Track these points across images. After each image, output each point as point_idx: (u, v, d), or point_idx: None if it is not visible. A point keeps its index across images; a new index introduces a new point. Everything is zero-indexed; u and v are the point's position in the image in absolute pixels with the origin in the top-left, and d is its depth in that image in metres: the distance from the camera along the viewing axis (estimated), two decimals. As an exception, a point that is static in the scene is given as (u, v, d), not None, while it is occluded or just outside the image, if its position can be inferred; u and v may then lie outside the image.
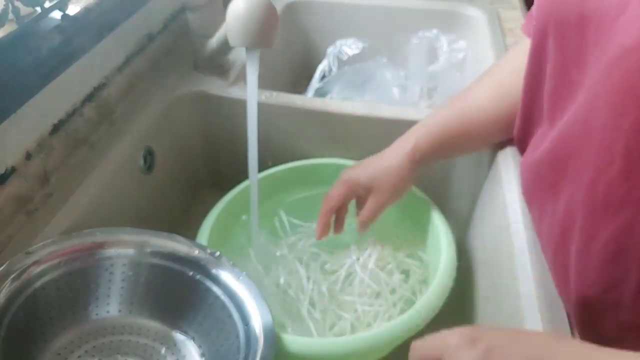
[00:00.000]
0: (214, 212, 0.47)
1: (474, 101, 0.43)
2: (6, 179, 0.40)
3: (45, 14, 0.43)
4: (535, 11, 0.35)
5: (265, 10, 0.41)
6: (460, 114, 0.43)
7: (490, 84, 0.43)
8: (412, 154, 0.42)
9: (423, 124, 0.44)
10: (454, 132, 0.42)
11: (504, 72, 0.42)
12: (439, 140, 0.42)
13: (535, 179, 0.35)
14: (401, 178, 0.42)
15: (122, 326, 0.39)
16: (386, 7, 0.74)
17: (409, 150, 0.42)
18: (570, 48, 0.31)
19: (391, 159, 0.43)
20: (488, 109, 0.42)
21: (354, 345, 0.36)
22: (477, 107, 0.42)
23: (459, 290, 0.45)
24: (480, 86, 0.43)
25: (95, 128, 0.49)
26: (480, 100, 0.42)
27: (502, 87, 0.42)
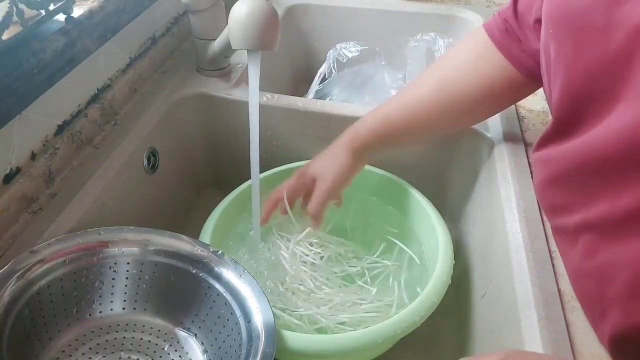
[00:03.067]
0: (216, 211, 0.48)
1: (416, 93, 0.44)
2: (11, 179, 0.40)
3: (50, 16, 0.44)
4: (547, 16, 0.33)
5: (266, 13, 0.42)
6: (401, 105, 0.44)
7: (433, 77, 0.44)
8: (352, 142, 0.45)
9: (364, 116, 0.46)
10: (394, 122, 0.44)
11: (446, 66, 0.43)
12: (379, 129, 0.44)
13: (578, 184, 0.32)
14: (342, 165, 0.44)
15: (125, 324, 0.39)
16: (385, 11, 0.75)
17: (349, 139, 0.45)
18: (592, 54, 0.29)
19: (333, 150, 0.45)
20: (430, 100, 0.43)
21: (353, 342, 0.37)
22: (418, 98, 0.43)
23: (455, 287, 0.46)
24: (423, 79, 0.44)
25: (100, 129, 0.49)
26: (422, 92, 0.43)
27: (445, 79, 0.43)
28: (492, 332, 0.40)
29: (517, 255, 0.38)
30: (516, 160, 0.46)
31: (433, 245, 0.46)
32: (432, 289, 0.40)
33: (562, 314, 0.34)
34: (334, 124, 0.54)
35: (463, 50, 0.43)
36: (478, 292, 0.46)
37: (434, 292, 0.40)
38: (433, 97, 0.43)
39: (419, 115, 0.44)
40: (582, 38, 0.30)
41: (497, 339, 0.39)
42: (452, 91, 0.42)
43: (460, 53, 0.43)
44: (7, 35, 0.39)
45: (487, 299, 0.43)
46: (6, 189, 0.39)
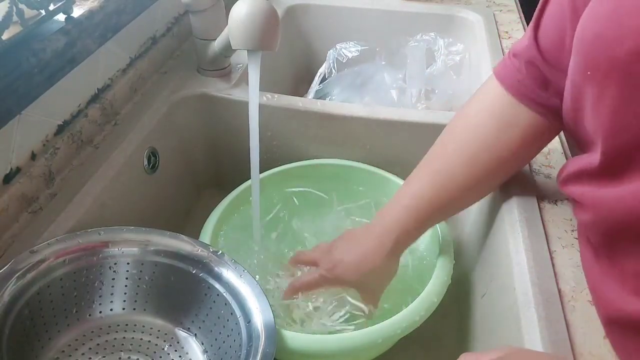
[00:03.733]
0: (216, 212, 0.48)
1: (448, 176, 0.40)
2: (11, 179, 0.40)
3: (50, 16, 0.44)
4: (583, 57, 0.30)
5: (267, 13, 0.42)
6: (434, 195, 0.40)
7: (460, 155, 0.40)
8: (392, 251, 0.40)
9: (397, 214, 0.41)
10: (429, 215, 0.41)
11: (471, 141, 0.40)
12: (416, 229, 0.41)
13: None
14: (385, 276, 0.41)
15: (125, 324, 0.39)
16: (385, 10, 0.75)
17: (389, 248, 0.40)
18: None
19: (375, 259, 0.40)
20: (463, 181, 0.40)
21: (353, 342, 0.37)
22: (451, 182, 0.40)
23: (455, 287, 0.45)
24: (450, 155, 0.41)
25: (100, 129, 0.49)
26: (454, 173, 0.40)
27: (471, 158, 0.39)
28: (492, 332, 0.40)
29: (517, 255, 0.38)
30: (516, 160, 0.46)
31: (433, 245, 0.46)
32: (432, 289, 0.40)
33: (562, 314, 0.34)
34: (334, 124, 0.54)
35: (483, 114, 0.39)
36: (478, 292, 0.46)
37: (434, 292, 0.40)
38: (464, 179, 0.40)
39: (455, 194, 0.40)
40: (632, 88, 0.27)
41: (497, 339, 0.39)
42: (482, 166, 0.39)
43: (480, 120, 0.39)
44: (7, 35, 0.39)
45: (487, 299, 0.43)
46: (6, 188, 0.39)
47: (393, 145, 0.54)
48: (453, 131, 0.42)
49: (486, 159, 0.39)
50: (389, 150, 0.55)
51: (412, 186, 0.42)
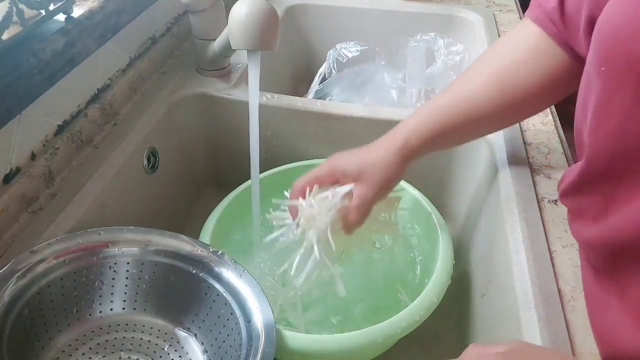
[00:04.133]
0: (216, 211, 0.48)
1: (473, 90, 0.40)
2: (11, 179, 0.40)
3: (50, 16, 0.44)
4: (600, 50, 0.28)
5: (266, 13, 0.42)
6: (455, 107, 0.40)
7: (489, 76, 0.40)
8: (402, 150, 0.40)
9: (415, 118, 0.41)
10: (448, 126, 0.40)
11: (504, 62, 0.40)
12: (432, 136, 0.40)
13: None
14: (390, 173, 0.40)
15: (125, 323, 0.39)
16: (385, 10, 0.75)
17: (399, 147, 0.40)
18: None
19: (380, 153, 0.40)
20: (490, 99, 0.39)
21: (353, 342, 0.37)
22: (475, 99, 0.40)
23: (455, 287, 0.46)
24: (478, 77, 0.40)
25: (100, 129, 0.49)
26: (478, 92, 0.40)
27: (504, 76, 0.39)
28: (492, 332, 0.40)
29: (517, 255, 0.38)
30: (516, 160, 0.46)
31: (433, 244, 0.46)
32: (432, 289, 0.40)
33: (562, 314, 0.34)
34: (334, 124, 0.54)
35: (518, 44, 0.39)
36: (478, 292, 0.46)
37: (434, 292, 0.40)
38: (493, 96, 0.39)
39: (473, 118, 0.40)
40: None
41: (497, 339, 0.39)
42: (514, 89, 0.39)
43: (515, 47, 0.39)
44: (7, 35, 0.39)
45: (487, 299, 0.43)
46: (6, 189, 0.39)
47: (393, 145, 0.54)
48: (484, 58, 0.41)
49: (517, 89, 0.39)
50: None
51: (435, 101, 0.41)
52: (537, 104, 0.41)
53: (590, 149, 0.30)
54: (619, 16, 0.27)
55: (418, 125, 0.40)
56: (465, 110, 0.40)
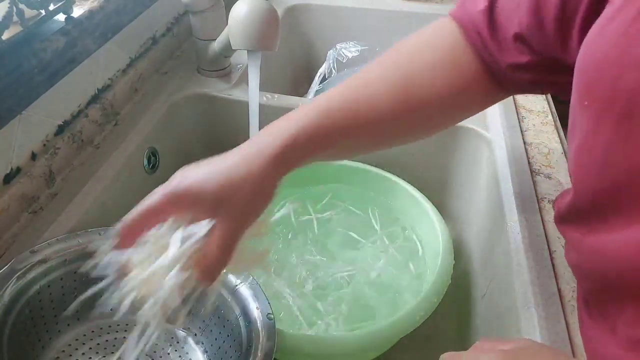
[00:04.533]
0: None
1: (371, 91, 0.32)
2: (12, 179, 0.40)
3: (50, 16, 0.44)
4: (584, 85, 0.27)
5: (266, 13, 0.42)
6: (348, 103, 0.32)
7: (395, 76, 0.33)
8: (276, 161, 0.29)
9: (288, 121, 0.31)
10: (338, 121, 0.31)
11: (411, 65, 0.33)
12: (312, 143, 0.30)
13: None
14: (262, 194, 0.29)
15: (125, 324, 0.39)
16: (385, 10, 0.75)
17: (274, 156, 0.29)
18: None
19: (247, 168, 0.28)
20: (389, 102, 0.32)
21: (353, 342, 0.37)
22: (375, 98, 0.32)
23: (455, 287, 0.46)
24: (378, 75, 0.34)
25: (100, 129, 0.49)
26: (379, 91, 0.33)
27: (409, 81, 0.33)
28: (492, 332, 0.40)
29: (517, 255, 0.38)
30: (516, 160, 0.46)
31: (433, 245, 0.46)
32: (432, 289, 0.40)
33: (562, 314, 0.34)
34: (334, 124, 0.54)
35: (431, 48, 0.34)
36: (478, 292, 0.46)
37: (434, 292, 0.40)
38: (393, 99, 0.33)
39: (372, 118, 0.33)
40: (628, 127, 0.24)
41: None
42: (418, 96, 0.33)
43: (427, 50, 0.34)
44: (7, 35, 0.39)
45: (487, 299, 0.43)
46: (7, 188, 0.39)
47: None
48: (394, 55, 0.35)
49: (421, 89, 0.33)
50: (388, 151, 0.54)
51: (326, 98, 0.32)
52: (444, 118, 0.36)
53: (576, 183, 0.29)
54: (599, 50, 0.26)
55: (304, 126, 0.30)
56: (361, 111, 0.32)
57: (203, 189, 0.28)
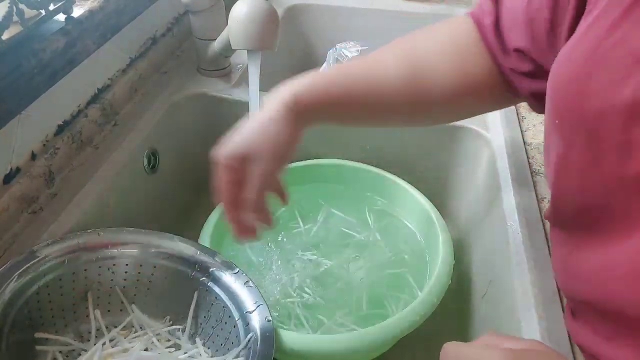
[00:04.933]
0: (216, 212, 0.48)
1: (382, 73, 0.34)
2: (12, 179, 0.40)
3: (50, 16, 0.44)
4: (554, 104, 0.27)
5: (266, 13, 0.42)
6: (362, 77, 0.35)
7: (405, 62, 0.35)
8: (289, 103, 0.33)
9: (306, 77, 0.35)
10: (347, 95, 0.34)
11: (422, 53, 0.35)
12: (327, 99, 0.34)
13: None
14: (281, 134, 0.32)
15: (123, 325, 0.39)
16: (385, 10, 0.75)
17: (287, 100, 0.33)
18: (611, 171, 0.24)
19: (265, 114, 0.33)
20: (397, 86, 0.34)
21: (353, 342, 0.37)
22: (384, 79, 0.34)
23: (455, 287, 0.45)
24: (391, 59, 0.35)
25: (100, 129, 0.49)
26: (389, 74, 0.34)
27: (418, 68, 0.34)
28: (492, 332, 0.40)
29: (517, 255, 0.38)
30: (516, 160, 0.46)
31: (433, 245, 0.46)
32: (432, 289, 0.40)
33: (562, 314, 0.34)
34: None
35: (444, 38, 0.35)
36: (478, 292, 0.46)
37: (434, 292, 0.40)
38: (401, 83, 0.34)
39: (381, 95, 0.35)
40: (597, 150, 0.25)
41: (497, 340, 0.38)
42: (425, 84, 0.34)
43: (440, 41, 0.35)
44: (7, 35, 0.39)
45: (487, 299, 0.43)
46: (6, 189, 0.39)
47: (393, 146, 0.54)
48: (408, 41, 0.36)
49: (429, 85, 0.34)
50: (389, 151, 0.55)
51: (339, 67, 0.37)
52: (450, 110, 0.37)
53: (554, 199, 0.30)
54: (568, 70, 0.26)
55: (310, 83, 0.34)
56: (372, 85, 0.34)
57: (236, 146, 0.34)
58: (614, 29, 0.24)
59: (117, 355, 0.36)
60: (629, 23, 0.24)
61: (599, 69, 0.24)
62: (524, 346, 0.25)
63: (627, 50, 0.24)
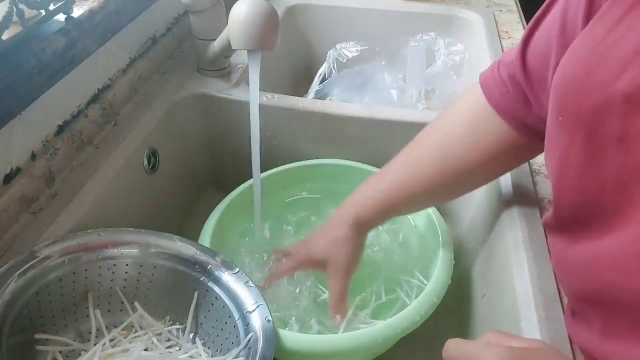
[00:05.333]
0: (216, 212, 0.48)
1: (418, 164, 0.41)
2: (12, 179, 0.40)
3: (50, 16, 0.44)
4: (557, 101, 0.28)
5: (266, 13, 0.42)
6: (402, 180, 0.41)
7: (432, 146, 0.41)
8: (354, 225, 0.42)
9: (363, 193, 0.43)
10: (395, 199, 0.42)
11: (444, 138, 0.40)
12: (380, 209, 0.42)
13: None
14: (351, 249, 0.42)
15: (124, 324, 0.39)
16: (385, 10, 0.75)
17: (351, 224, 0.42)
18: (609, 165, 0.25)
19: (336, 232, 0.42)
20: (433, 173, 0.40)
21: (353, 342, 0.37)
22: (421, 171, 0.41)
23: (455, 287, 0.46)
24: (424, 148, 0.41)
25: (100, 129, 0.49)
26: (424, 163, 0.41)
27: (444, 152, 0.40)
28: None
29: (517, 255, 0.38)
30: (516, 160, 0.46)
31: (433, 245, 0.46)
32: (432, 289, 0.40)
33: (562, 314, 0.34)
34: (334, 124, 0.54)
35: (461, 118, 0.40)
36: (478, 292, 0.46)
37: (434, 292, 0.40)
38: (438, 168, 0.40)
39: (424, 184, 0.41)
40: (597, 144, 0.26)
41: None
42: (455, 163, 0.39)
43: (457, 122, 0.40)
44: (7, 35, 0.39)
45: (487, 299, 0.43)
46: (6, 189, 0.39)
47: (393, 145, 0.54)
48: (431, 128, 0.42)
49: (458, 160, 0.39)
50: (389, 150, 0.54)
51: (383, 173, 0.43)
52: (479, 179, 0.41)
53: (556, 197, 0.30)
54: (570, 68, 0.27)
55: (366, 200, 0.42)
56: (413, 182, 0.41)
57: (313, 251, 0.43)
58: (616, 27, 0.25)
59: (117, 355, 0.36)
60: (630, 21, 0.24)
61: (599, 65, 0.25)
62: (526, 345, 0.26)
63: (627, 45, 0.24)
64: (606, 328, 0.27)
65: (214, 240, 0.45)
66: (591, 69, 0.25)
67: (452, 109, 0.41)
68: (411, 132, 0.54)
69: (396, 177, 0.42)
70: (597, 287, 0.27)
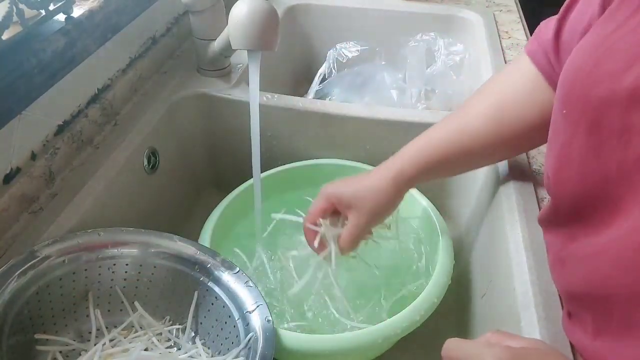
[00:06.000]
0: (216, 212, 0.48)
1: (470, 124, 0.40)
2: (12, 179, 0.40)
3: (50, 16, 0.44)
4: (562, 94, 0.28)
5: (266, 13, 0.42)
6: (453, 138, 0.41)
7: (489, 108, 0.40)
8: (395, 179, 0.40)
9: (413, 146, 0.42)
10: (444, 157, 0.40)
11: (502, 97, 0.40)
12: (427, 165, 0.41)
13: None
14: (383, 200, 0.40)
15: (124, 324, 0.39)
16: (385, 10, 0.75)
17: (392, 176, 0.40)
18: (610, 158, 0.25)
19: (374, 180, 0.41)
20: (487, 132, 0.39)
21: (353, 342, 0.37)
22: (474, 131, 0.40)
23: (455, 287, 0.46)
24: (478, 107, 0.41)
25: (100, 129, 0.49)
26: (477, 123, 0.40)
27: (502, 111, 0.39)
28: (492, 332, 0.40)
29: (517, 255, 0.38)
30: (516, 160, 0.47)
31: (433, 245, 0.46)
32: (432, 289, 0.40)
33: (562, 314, 0.34)
34: (334, 124, 0.54)
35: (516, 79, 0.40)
36: (478, 292, 0.46)
37: (434, 292, 0.40)
38: (490, 129, 0.39)
39: (473, 146, 0.40)
40: (598, 137, 0.26)
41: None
42: (513, 122, 0.39)
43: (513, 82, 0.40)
44: (7, 35, 0.39)
45: (487, 299, 0.43)
46: (6, 189, 0.39)
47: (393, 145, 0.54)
48: (481, 94, 0.41)
49: (515, 122, 0.38)
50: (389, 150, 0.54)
51: (433, 131, 0.42)
52: (537, 138, 0.40)
53: (555, 188, 0.30)
54: (578, 60, 0.28)
55: (415, 154, 0.41)
56: (463, 142, 0.40)
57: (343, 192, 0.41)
58: (625, 22, 0.25)
59: (117, 355, 0.36)
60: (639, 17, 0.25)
61: (606, 58, 0.25)
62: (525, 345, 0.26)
63: (635, 40, 0.24)
64: (598, 328, 0.27)
65: (214, 240, 0.45)
66: (599, 61, 0.26)
67: (500, 77, 0.41)
68: (411, 132, 0.54)
69: (444, 136, 0.41)
70: (594, 282, 0.27)
